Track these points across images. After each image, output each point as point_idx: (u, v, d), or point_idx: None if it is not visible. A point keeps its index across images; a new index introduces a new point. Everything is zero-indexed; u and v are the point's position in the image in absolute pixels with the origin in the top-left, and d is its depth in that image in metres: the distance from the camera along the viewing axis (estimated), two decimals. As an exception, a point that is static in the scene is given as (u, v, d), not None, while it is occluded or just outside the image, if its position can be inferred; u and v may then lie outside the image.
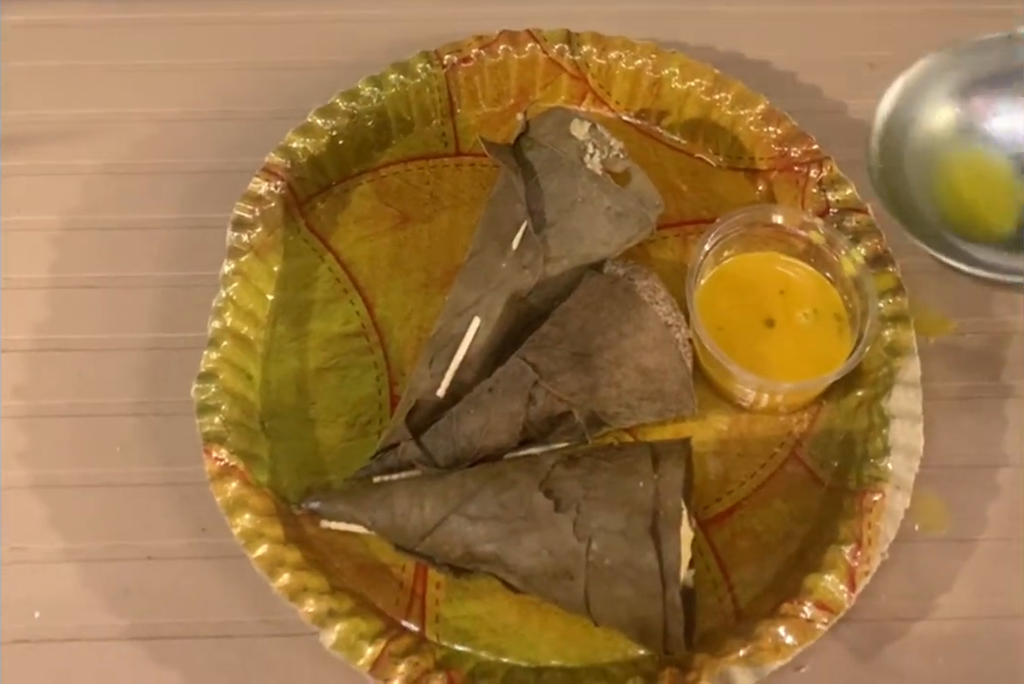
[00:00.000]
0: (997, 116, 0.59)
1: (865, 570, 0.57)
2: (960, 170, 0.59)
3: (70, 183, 0.73)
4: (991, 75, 0.60)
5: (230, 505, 0.59)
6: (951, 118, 0.59)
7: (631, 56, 0.72)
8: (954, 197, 0.58)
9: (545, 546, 0.56)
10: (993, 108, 0.59)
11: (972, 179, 0.59)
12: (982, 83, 0.60)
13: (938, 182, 0.59)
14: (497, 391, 0.61)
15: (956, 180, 0.59)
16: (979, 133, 0.59)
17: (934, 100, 0.59)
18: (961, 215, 0.58)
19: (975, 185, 0.59)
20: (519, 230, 0.65)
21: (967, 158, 0.59)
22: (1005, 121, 0.59)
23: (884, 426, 0.61)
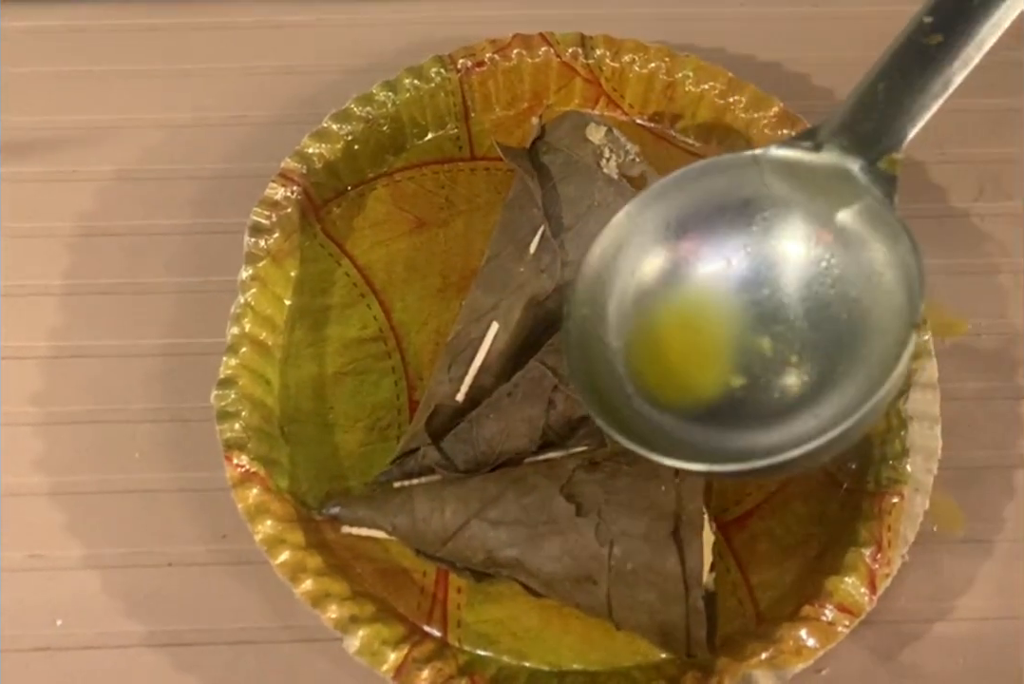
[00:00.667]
0: (719, 261, 0.50)
1: (885, 573, 0.57)
2: (672, 327, 0.50)
3: (84, 189, 0.73)
4: (710, 205, 0.50)
5: (251, 511, 0.59)
6: (662, 266, 0.50)
7: (644, 59, 0.72)
8: (666, 361, 0.50)
9: (567, 551, 0.56)
10: (714, 251, 0.50)
11: (687, 337, 0.50)
12: (698, 217, 0.51)
13: (647, 346, 0.50)
14: (517, 395, 0.61)
15: (668, 340, 0.50)
16: (697, 280, 0.50)
17: (644, 248, 0.51)
18: (673, 382, 0.50)
19: (691, 343, 0.50)
20: (536, 234, 0.65)
21: (681, 309, 0.50)
22: (732, 263, 0.50)
23: (902, 428, 0.61)
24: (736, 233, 0.49)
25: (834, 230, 0.47)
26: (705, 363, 0.49)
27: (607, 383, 0.49)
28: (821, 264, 0.47)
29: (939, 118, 0.71)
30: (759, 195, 0.49)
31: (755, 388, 0.48)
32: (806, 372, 0.47)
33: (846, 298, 0.47)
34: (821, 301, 0.47)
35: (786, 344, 0.48)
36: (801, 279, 0.48)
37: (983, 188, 0.72)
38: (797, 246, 0.48)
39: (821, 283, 0.47)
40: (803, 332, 0.48)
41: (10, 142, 0.75)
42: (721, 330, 0.49)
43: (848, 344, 0.46)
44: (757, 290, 0.48)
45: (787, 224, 0.48)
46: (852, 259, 0.47)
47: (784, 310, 0.48)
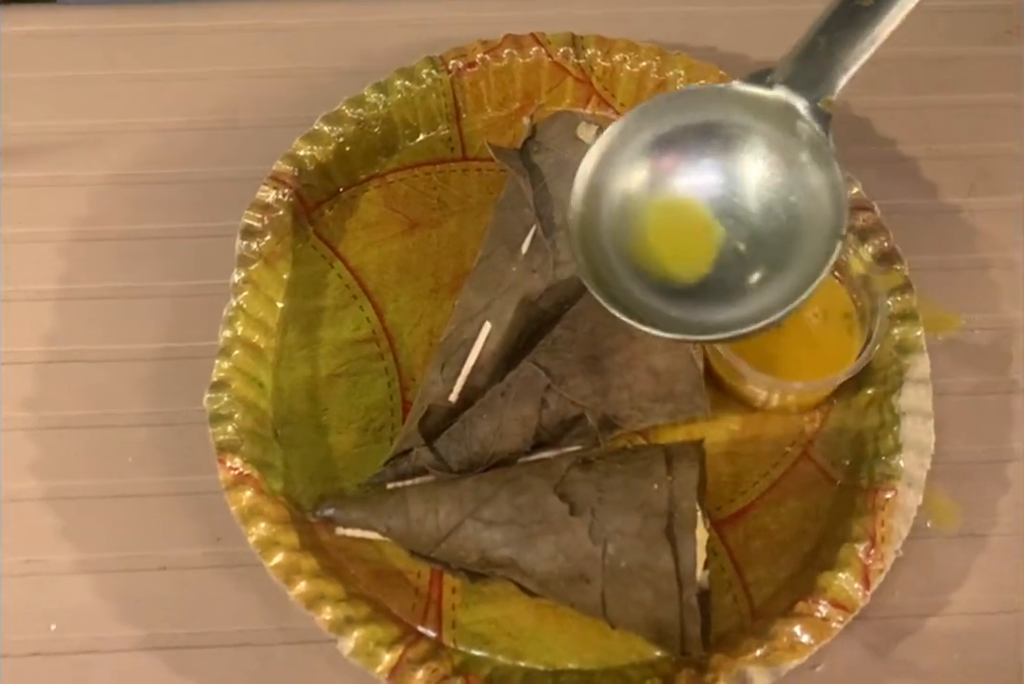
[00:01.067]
0: (690, 171, 0.59)
1: (879, 568, 0.57)
2: (655, 223, 0.59)
3: (77, 194, 0.73)
4: (685, 128, 0.59)
5: (245, 514, 0.59)
6: (645, 174, 0.58)
7: (635, 58, 0.72)
8: (650, 252, 0.58)
9: (561, 550, 0.56)
10: (687, 162, 0.58)
11: (668, 230, 0.59)
12: (678, 138, 0.59)
13: (634, 240, 0.58)
14: (510, 395, 0.61)
15: (652, 234, 0.58)
16: (673, 185, 0.59)
17: (630, 159, 0.58)
18: (656, 268, 0.58)
19: (671, 235, 0.59)
20: (528, 234, 0.65)
21: (662, 209, 0.59)
22: (701, 172, 0.58)
23: (895, 423, 0.61)
24: (705, 148, 0.58)
25: (782, 151, 0.57)
26: (680, 253, 0.58)
27: (602, 267, 0.57)
28: (770, 175, 0.57)
29: (930, 113, 0.72)
30: (723, 120, 0.58)
31: (718, 276, 0.57)
32: (755, 264, 0.57)
33: (787, 203, 0.56)
34: (769, 204, 0.57)
35: (741, 237, 0.57)
36: (754, 185, 0.58)
37: (974, 183, 0.72)
38: (753, 160, 0.58)
39: (769, 188, 0.57)
40: (754, 229, 0.57)
41: (3, 146, 0.75)
42: (693, 226, 0.58)
43: (787, 243, 0.56)
44: (720, 194, 0.58)
45: (745, 143, 0.58)
46: (795, 175, 0.56)
47: (741, 211, 0.58)
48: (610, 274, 0.57)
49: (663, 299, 0.57)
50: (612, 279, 0.57)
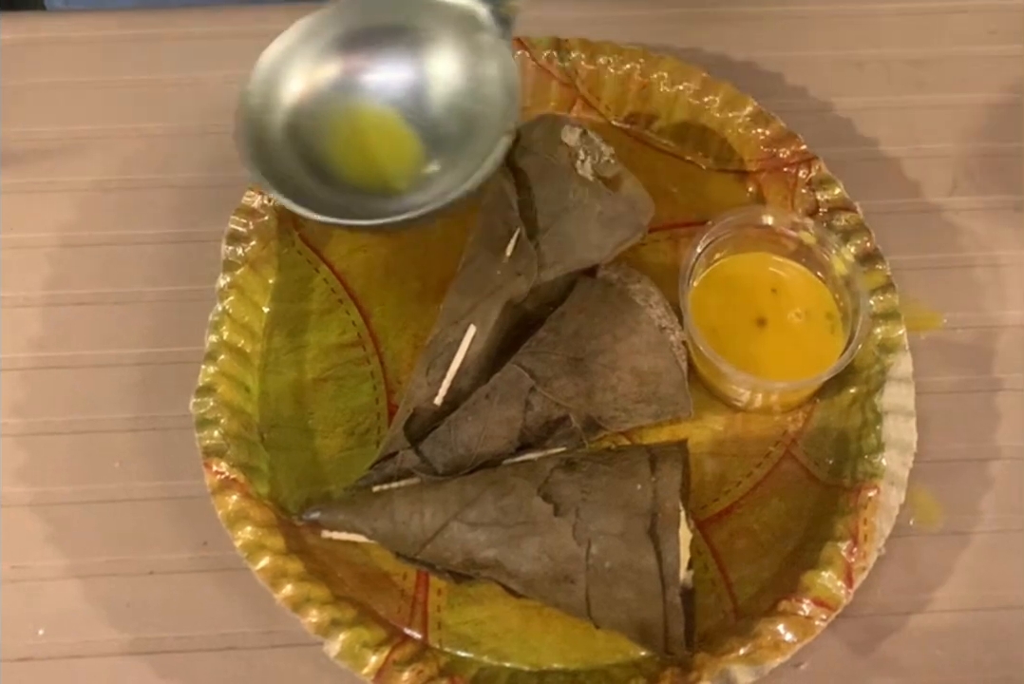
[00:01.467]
0: (377, 70, 0.62)
1: (862, 566, 0.57)
2: (342, 122, 0.62)
3: (63, 200, 0.73)
4: (374, 29, 0.62)
5: (231, 518, 0.59)
6: (332, 71, 0.61)
7: (619, 61, 0.72)
8: (334, 149, 0.61)
9: (545, 550, 0.56)
10: (374, 63, 0.62)
11: (353, 130, 0.62)
12: (363, 37, 0.62)
13: (317, 136, 0.61)
14: (494, 397, 0.61)
15: (338, 133, 0.61)
16: (361, 86, 0.62)
17: (317, 54, 0.61)
18: (339, 164, 0.61)
19: (356, 136, 0.62)
20: (512, 237, 0.65)
21: (349, 109, 0.62)
22: (385, 73, 0.62)
23: (877, 422, 0.61)
24: (393, 51, 0.61)
25: (465, 55, 0.61)
26: (365, 153, 0.61)
27: (269, 152, 0.59)
28: (452, 78, 0.61)
29: (913, 114, 0.72)
30: (413, 24, 0.61)
31: (398, 172, 0.61)
32: (434, 161, 0.61)
33: (467, 105, 0.61)
34: (450, 106, 0.61)
35: (424, 137, 0.62)
36: (438, 88, 0.61)
37: (957, 183, 0.72)
38: (437, 63, 0.61)
39: (451, 91, 0.61)
40: (437, 130, 0.61)
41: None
42: (378, 127, 0.62)
43: (465, 142, 0.60)
44: (404, 95, 0.62)
45: (431, 47, 0.61)
46: (475, 78, 0.61)
47: (425, 112, 0.62)
48: (277, 159, 0.59)
49: (337, 190, 0.60)
50: (278, 164, 0.59)
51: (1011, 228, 0.70)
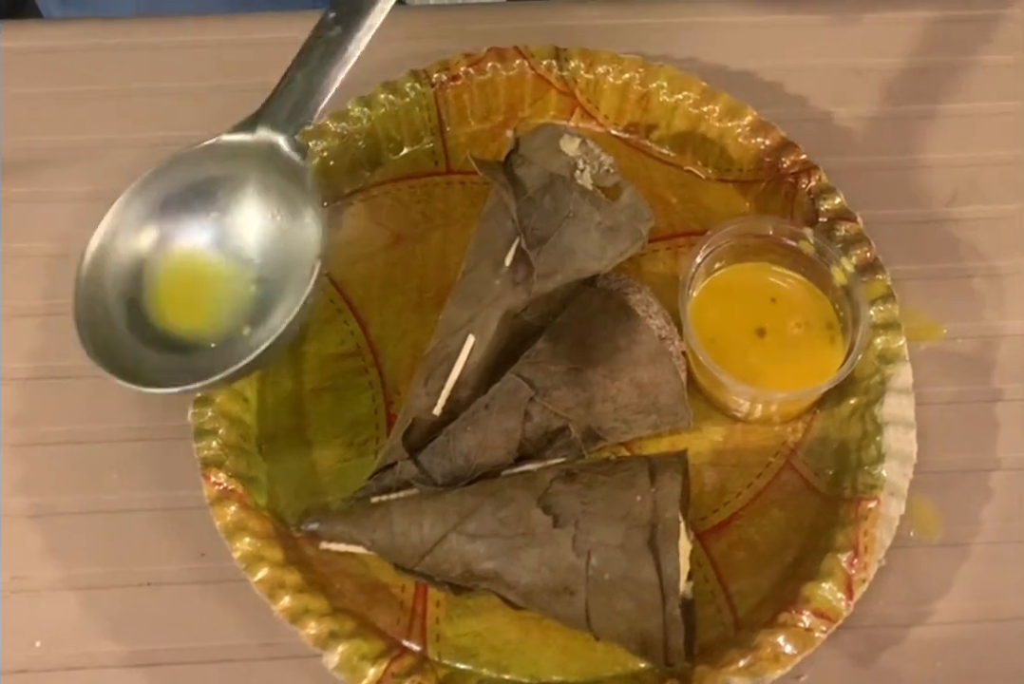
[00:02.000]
0: (196, 228, 0.64)
1: (862, 577, 0.57)
2: (166, 283, 0.63)
3: (62, 210, 0.73)
4: (192, 186, 0.64)
5: (229, 529, 0.59)
6: (154, 235, 0.63)
7: (619, 70, 0.72)
8: (164, 310, 0.63)
9: (544, 562, 0.56)
10: (193, 220, 0.64)
11: (178, 288, 0.63)
12: (185, 197, 0.64)
13: (149, 301, 0.63)
14: (493, 408, 0.61)
15: (164, 294, 0.63)
16: (182, 244, 0.64)
17: (138, 222, 0.63)
18: (172, 325, 0.62)
19: (183, 293, 0.63)
20: (511, 247, 0.65)
21: (172, 270, 0.63)
22: (205, 228, 0.64)
23: (877, 433, 0.61)
24: (207, 205, 0.63)
25: (273, 191, 0.63)
26: (193, 308, 0.63)
27: (109, 339, 0.60)
28: (265, 216, 0.63)
29: (913, 123, 0.72)
30: (220, 174, 0.63)
31: (233, 321, 0.62)
32: (265, 299, 0.62)
33: (285, 238, 0.63)
34: (270, 242, 0.63)
35: (250, 280, 0.63)
36: (254, 229, 0.63)
37: (957, 192, 0.72)
38: (249, 206, 0.63)
39: (267, 229, 0.63)
40: (261, 270, 0.63)
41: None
42: (202, 282, 0.63)
43: (288, 272, 0.61)
44: (225, 245, 0.63)
45: (241, 190, 0.63)
46: (286, 209, 0.63)
47: (246, 256, 0.63)
48: (113, 334, 0.61)
49: (179, 354, 0.61)
50: (115, 340, 0.61)
51: (1011, 238, 0.70)
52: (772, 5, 0.80)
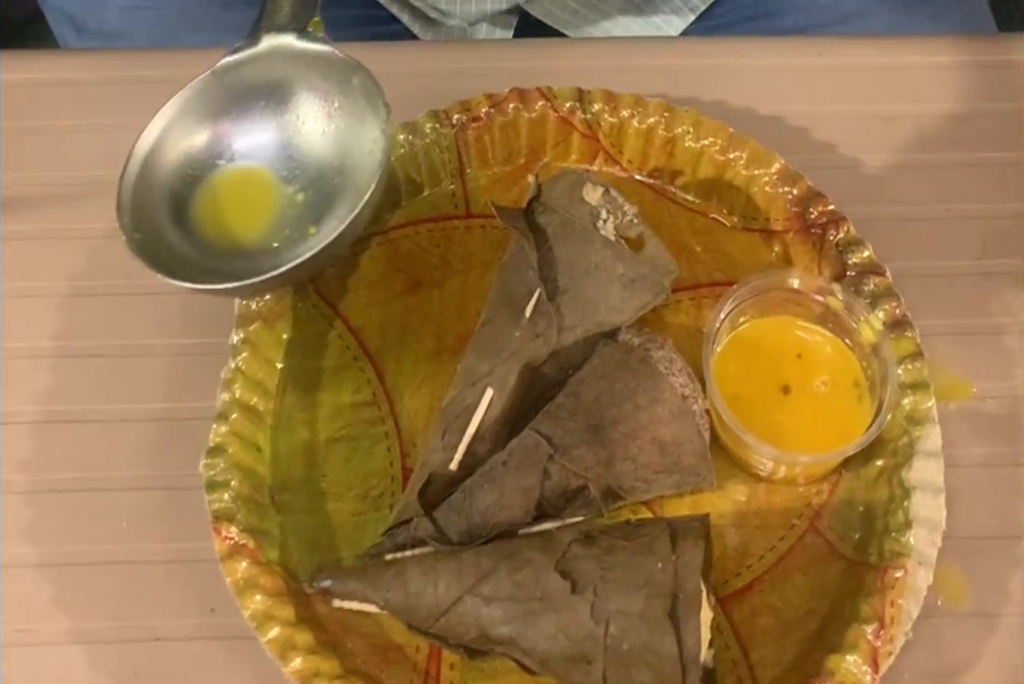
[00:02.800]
0: (248, 132, 0.64)
1: (888, 650, 0.55)
2: (219, 188, 0.63)
3: (72, 248, 0.72)
4: (243, 93, 0.64)
5: (240, 586, 0.58)
6: (205, 140, 0.63)
7: (643, 114, 0.71)
8: (215, 218, 0.63)
9: (562, 629, 0.55)
10: (244, 125, 0.64)
11: (233, 195, 0.63)
12: (234, 103, 0.64)
13: (198, 207, 0.63)
14: (511, 465, 0.60)
15: (217, 200, 0.63)
16: (235, 151, 0.64)
17: (189, 127, 0.63)
18: (220, 233, 0.62)
19: (236, 200, 0.63)
20: (532, 298, 0.64)
21: (226, 174, 0.64)
22: (257, 136, 0.64)
23: (905, 498, 0.59)
24: (265, 112, 0.64)
25: (330, 102, 0.63)
26: (245, 215, 0.63)
27: (154, 234, 0.60)
28: (323, 119, 0.64)
29: (943, 172, 0.71)
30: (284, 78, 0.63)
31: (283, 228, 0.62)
32: (316, 207, 0.62)
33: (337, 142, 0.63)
34: (322, 147, 0.63)
35: (302, 187, 0.63)
36: (305, 135, 0.64)
37: (987, 245, 0.70)
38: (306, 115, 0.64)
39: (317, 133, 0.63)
40: (312, 175, 0.63)
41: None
42: (254, 187, 0.63)
43: (340, 187, 0.62)
44: (277, 152, 0.63)
45: (302, 98, 0.64)
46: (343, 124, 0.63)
47: (299, 163, 0.63)
48: (157, 233, 0.60)
49: (219, 257, 0.61)
50: (159, 237, 0.60)
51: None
52: (801, 47, 0.78)
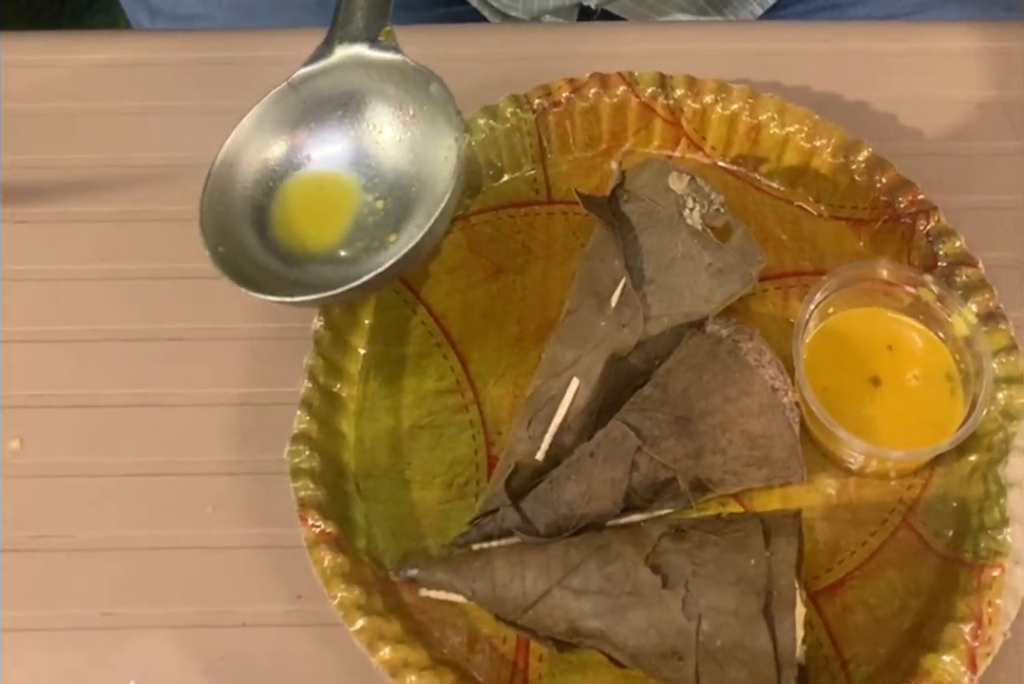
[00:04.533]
0: (325, 142, 0.64)
1: (986, 651, 0.55)
2: (298, 197, 0.64)
3: (162, 228, 0.72)
4: (319, 103, 0.64)
5: (327, 575, 0.58)
6: (283, 150, 0.64)
7: (726, 100, 0.70)
8: (295, 226, 0.63)
9: (653, 624, 0.54)
10: (322, 134, 0.64)
11: (313, 202, 0.64)
12: (311, 113, 0.64)
13: (278, 217, 0.63)
14: (598, 456, 0.60)
15: (297, 208, 0.64)
16: (313, 160, 0.64)
17: (267, 138, 0.64)
18: (301, 241, 0.63)
19: (316, 207, 0.64)
20: (617, 287, 0.64)
21: (305, 183, 0.64)
22: (334, 146, 0.64)
23: (1001, 495, 0.59)
24: (341, 122, 0.64)
25: (403, 111, 0.64)
26: (321, 223, 0.63)
27: (236, 247, 0.61)
28: (400, 128, 0.64)
29: None
30: (359, 86, 0.64)
31: (361, 237, 0.63)
32: (393, 215, 0.63)
33: (411, 148, 0.64)
34: (396, 155, 0.64)
35: (380, 195, 0.64)
36: (380, 144, 0.64)
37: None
38: (381, 124, 0.65)
39: (392, 141, 0.64)
40: (389, 183, 0.63)
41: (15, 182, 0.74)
42: (331, 195, 0.64)
43: (417, 188, 0.62)
44: (354, 160, 0.64)
45: (376, 108, 0.64)
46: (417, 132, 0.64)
47: (375, 171, 0.64)
48: (240, 246, 0.61)
49: (299, 266, 0.62)
50: (242, 250, 0.61)
51: None
52: (889, 31, 0.77)
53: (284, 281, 0.61)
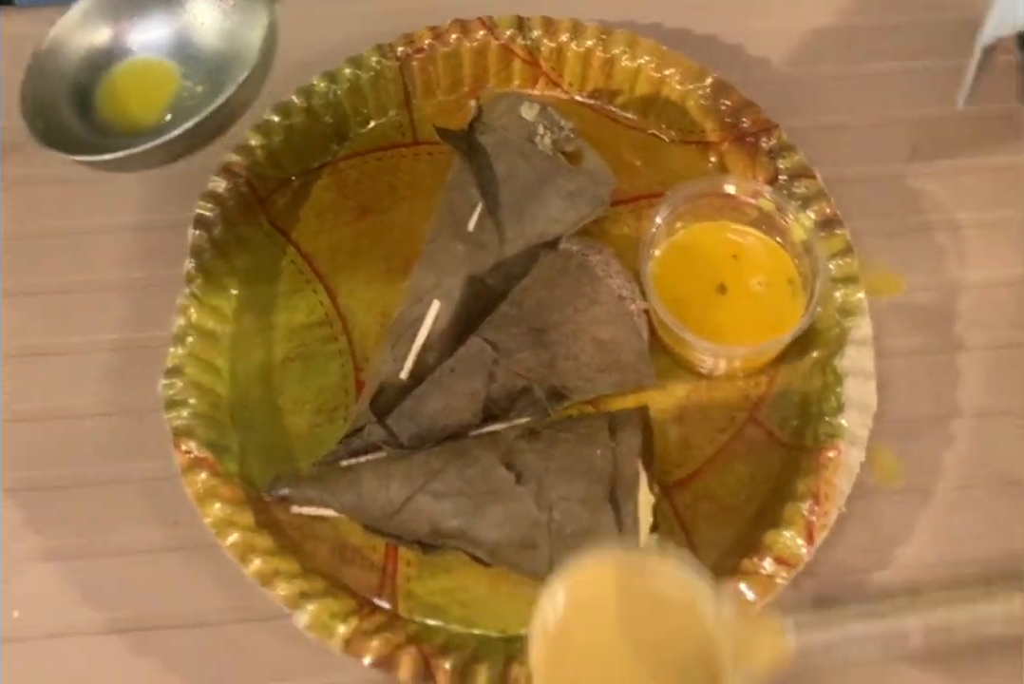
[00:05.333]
0: (148, 31, 0.66)
1: (823, 523, 0.57)
2: (120, 82, 0.65)
3: (35, 191, 0.73)
4: None
5: (200, 495, 0.60)
6: (107, 39, 0.65)
7: (581, 38, 0.73)
8: (116, 105, 0.65)
9: (509, 518, 0.57)
10: (144, 25, 0.66)
11: (135, 85, 0.66)
12: (135, 5, 0.66)
13: (100, 99, 0.65)
14: (458, 370, 0.62)
15: (119, 90, 0.65)
16: (138, 47, 0.66)
17: (92, 26, 0.65)
18: (120, 119, 0.64)
19: (138, 90, 0.66)
20: (474, 213, 0.66)
21: (128, 70, 0.66)
22: (158, 34, 0.66)
23: (838, 384, 0.61)
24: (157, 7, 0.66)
25: None
26: (142, 105, 0.65)
27: (58, 126, 0.63)
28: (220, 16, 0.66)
29: (871, 81, 0.72)
30: None
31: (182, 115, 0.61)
32: (209, 97, 0.61)
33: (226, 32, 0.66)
34: (215, 39, 0.66)
35: (198, 79, 0.65)
36: (203, 28, 0.66)
37: (916, 148, 0.72)
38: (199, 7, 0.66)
39: (214, 26, 0.66)
40: (209, 66, 0.65)
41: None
42: (152, 78, 0.66)
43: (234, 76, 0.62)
44: (176, 43, 0.66)
45: (182, 4, 0.66)
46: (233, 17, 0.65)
47: (195, 54, 0.66)
48: (59, 120, 0.63)
49: (123, 138, 0.62)
50: (60, 124, 0.63)
51: (970, 188, 0.70)
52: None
53: (100, 149, 0.62)
